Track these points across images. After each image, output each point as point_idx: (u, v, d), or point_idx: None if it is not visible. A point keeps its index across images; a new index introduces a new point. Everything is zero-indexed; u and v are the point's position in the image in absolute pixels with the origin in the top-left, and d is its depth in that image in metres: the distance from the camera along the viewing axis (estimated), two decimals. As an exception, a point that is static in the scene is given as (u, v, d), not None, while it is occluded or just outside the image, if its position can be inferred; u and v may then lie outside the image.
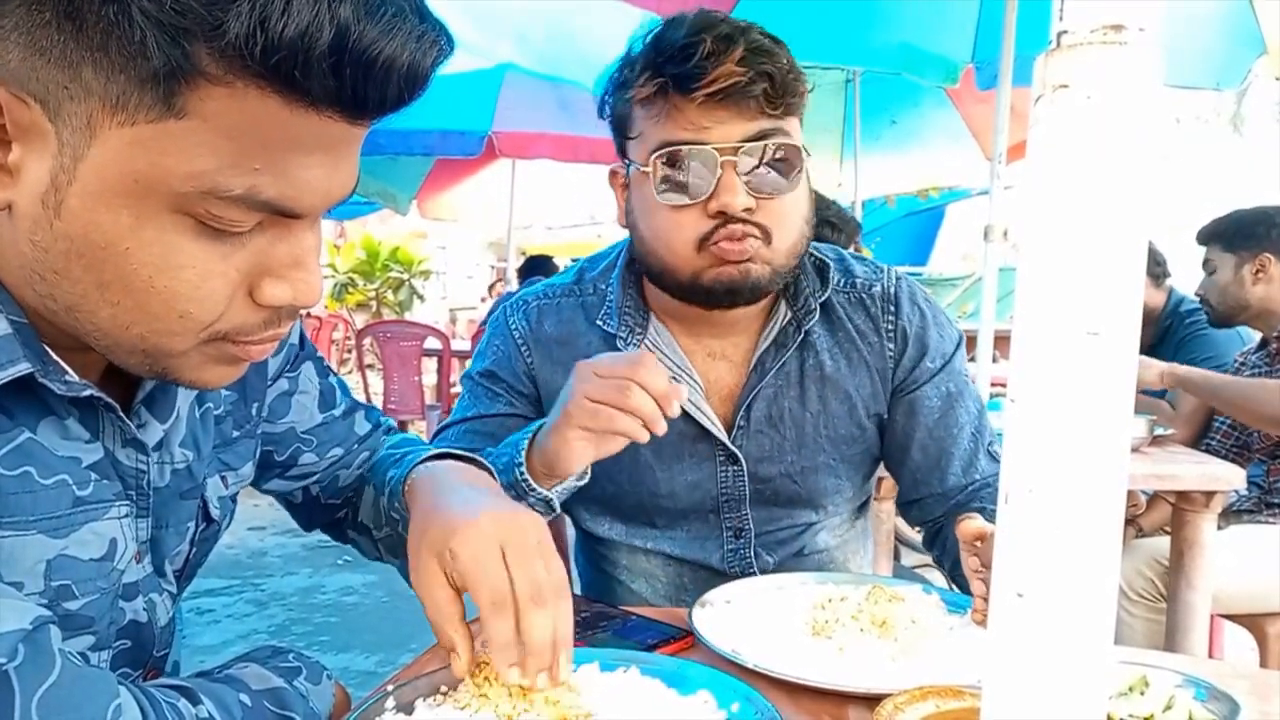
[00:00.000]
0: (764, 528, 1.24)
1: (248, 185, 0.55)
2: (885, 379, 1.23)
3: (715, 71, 1.02)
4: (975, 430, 1.24)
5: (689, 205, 1.08)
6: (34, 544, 0.63)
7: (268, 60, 0.51)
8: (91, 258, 0.57)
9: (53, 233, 0.56)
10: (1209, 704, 0.72)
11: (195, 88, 0.52)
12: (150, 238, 0.56)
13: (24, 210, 0.56)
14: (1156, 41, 0.33)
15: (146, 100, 0.52)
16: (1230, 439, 2.52)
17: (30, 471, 0.62)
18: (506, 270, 8.27)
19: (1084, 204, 0.33)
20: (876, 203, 6.85)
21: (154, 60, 0.51)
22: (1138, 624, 2.27)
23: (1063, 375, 0.34)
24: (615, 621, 1.01)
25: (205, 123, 0.53)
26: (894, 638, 0.91)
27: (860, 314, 1.23)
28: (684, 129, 1.06)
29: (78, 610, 0.66)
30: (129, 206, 0.55)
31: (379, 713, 0.73)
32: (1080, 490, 0.34)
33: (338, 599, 3.60)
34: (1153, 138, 0.33)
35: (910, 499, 1.28)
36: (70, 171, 0.55)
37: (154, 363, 0.62)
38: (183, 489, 0.78)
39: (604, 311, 1.22)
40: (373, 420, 1.02)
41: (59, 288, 0.58)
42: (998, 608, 0.36)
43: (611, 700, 0.75)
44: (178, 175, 0.54)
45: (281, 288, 0.61)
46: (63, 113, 0.54)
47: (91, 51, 0.52)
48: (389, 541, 0.97)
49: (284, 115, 0.54)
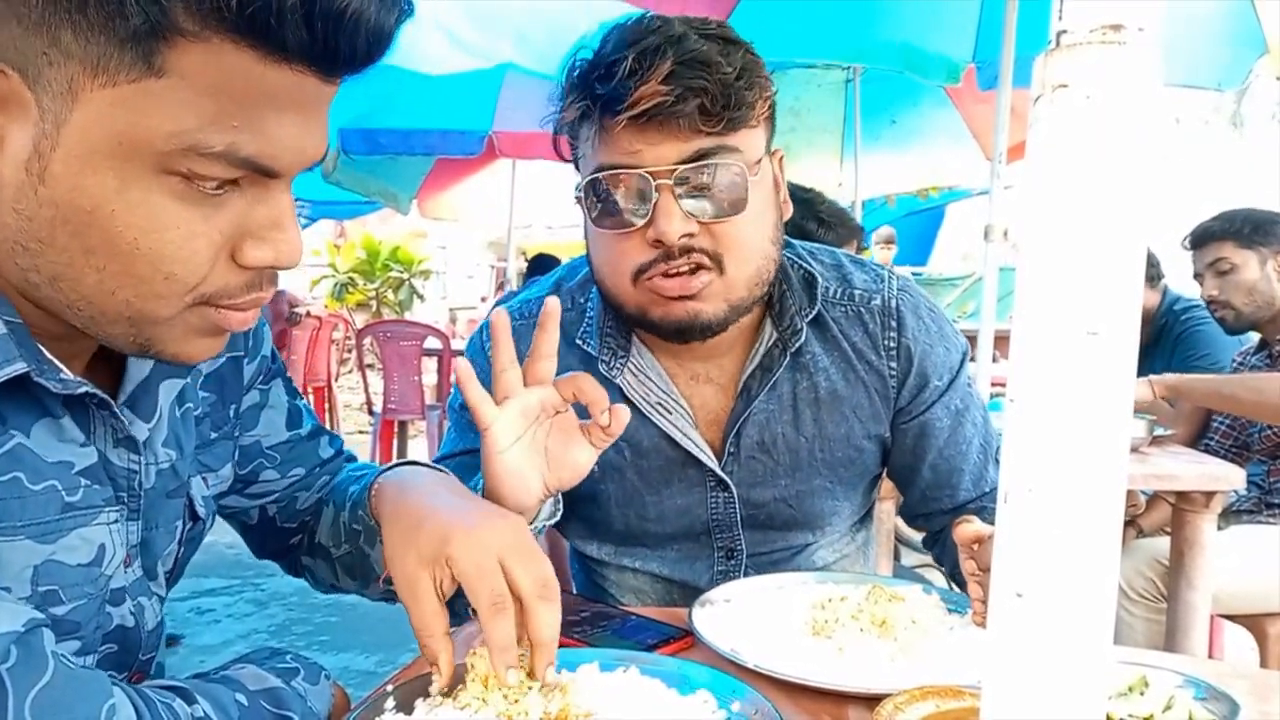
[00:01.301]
0: (757, 549, 1.20)
1: (227, 142, 0.56)
2: (886, 399, 1.16)
3: (639, 92, 0.93)
4: (984, 442, 1.20)
5: (627, 233, 1.00)
6: (21, 549, 0.63)
7: (243, 12, 0.52)
8: (77, 223, 0.57)
9: (37, 199, 0.57)
10: (1209, 704, 0.72)
11: (173, 45, 0.53)
12: (135, 199, 0.57)
13: (7, 179, 0.57)
14: (1156, 41, 0.33)
15: (126, 60, 0.53)
16: (1229, 439, 2.51)
17: (20, 477, 0.62)
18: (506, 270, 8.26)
19: (1083, 204, 0.33)
20: (876, 203, 6.84)
21: (133, 19, 0.52)
22: (1138, 624, 2.27)
23: (1062, 375, 0.34)
24: (615, 621, 1.01)
25: (184, 80, 0.54)
26: (894, 638, 0.91)
27: (858, 330, 1.15)
28: (616, 153, 0.98)
29: (64, 615, 0.66)
30: (113, 168, 0.56)
31: (379, 713, 0.73)
32: (1080, 490, 0.34)
33: (338, 599, 3.59)
34: (1152, 137, 0.33)
35: (918, 512, 1.25)
36: (53, 137, 0.55)
37: (139, 332, 0.63)
38: (169, 488, 0.78)
39: (584, 330, 1.15)
40: (335, 446, 1.02)
41: (43, 257, 0.59)
42: (997, 608, 0.36)
43: (611, 700, 0.75)
44: (160, 134, 0.55)
45: (263, 249, 0.62)
46: (42, 79, 0.54)
47: (70, 15, 0.53)
48: (348, 560, 0.95)
49: (259, 70, 0.56)
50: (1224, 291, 2.48)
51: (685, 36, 0.96)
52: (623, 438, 1.09)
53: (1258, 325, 2.51)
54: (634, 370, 1.13)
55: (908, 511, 1.28)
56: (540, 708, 0.72)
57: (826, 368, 1.15)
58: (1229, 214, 2.52)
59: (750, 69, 0.99)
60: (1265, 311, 2.45)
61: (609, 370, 1.12)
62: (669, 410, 1.14)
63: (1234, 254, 2.46)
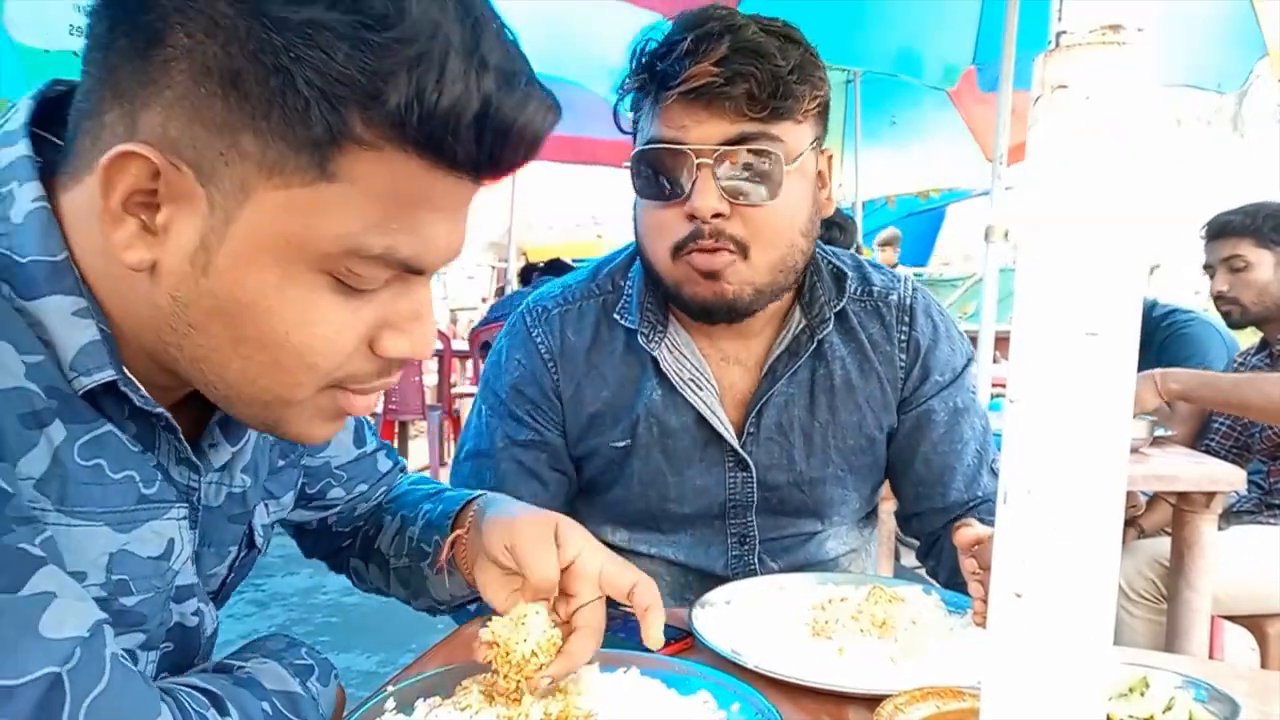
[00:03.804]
0: (768, 534, 1.24)
1: (386, 245, 0.59)
2: (895, 388, 1.21)
3: (692, 70, 0.99)
4: (980, 447, 1.23)
5: (667, 206, 1.06)
6: (100, 536, 0.63)
7: (422, 128, 0.55)
8: (233, 314, 0.59)
9: (197, 289, 0.58)
10: (1209, 705, 0.72)
11: (347, 153, 0.55)
12: (292, 295, 0.59)
13: (169, 268, 0.58)
14: (1155, 42, 0.33)
15: (302, 164, 0.55)
16: (1230, 439, 2.51)
17: (102, 464, 0.63)
18: (507, 271, 8.26)
19: (1083, 204, 0.33)
20: (877, 203, 6.85)
21: (314, 127, 0.54)
22: (1138, 625, 2.26)
23: (1062, 375, 0.34)
24: (615, 622, 1.01)
25: (354, 185, 0.56)
26: (894, 638, 0.91)
27: (875, 322, 1.21)
28: (665, 127, 1.03)
29: (132, 607, 0.67)
30: (276, 265, 0.58)
31: (379, 713, 0.73)
32: (1079, 490, 0.34)
33: (338, 599, 3.60)
34: (1151, 138, 0.33)
35: (911, 513, 1.27)
36: (220, 232, 0.57)
37: (270, 414, 0.65)
38: (233, 512, 0.79)
39: (622, 305, 1.20)
40: (392, 459, 1.05)
41: (190, 340, 0.61)
42: (997, 608, 0.36)
43: (611, 700, 0.75)
44: (326, 236, 0.57)
45: (400, 340, 0.64)
46: (216, 177, 0.56)
47: (253, 120, 0.54)
48: (405, 573, 0.98)
49: (423, 177, 0.58)
50: (1234, 288, 2.44)
51: (745, 26, 1.01)
52: (652, 414, 1.17)
53: (1260, 323, 2.49)
54: (670, 346, 1.17)
55: (902, 512, 1.30)
56: (541, 708, 0.72)
57: (844, 357, 1.20)
58: (1252, 208, 2.45)
59: (805, 66, 1.03)
60: (1272, 312, 2.43)
61: (647, 343, 1.16)
62: (700, 387, 1.18)
63: (1250, 252, 2.41)
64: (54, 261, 0.60)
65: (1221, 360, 2.80)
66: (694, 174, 1.02)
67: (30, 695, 0.50)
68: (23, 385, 0.58)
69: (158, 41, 0.54)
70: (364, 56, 0.53)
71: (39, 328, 0.59)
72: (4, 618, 0.51)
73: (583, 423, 1.20)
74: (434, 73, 0.54)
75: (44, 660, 0.51)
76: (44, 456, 0.59)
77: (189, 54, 0.54)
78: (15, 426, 0.57)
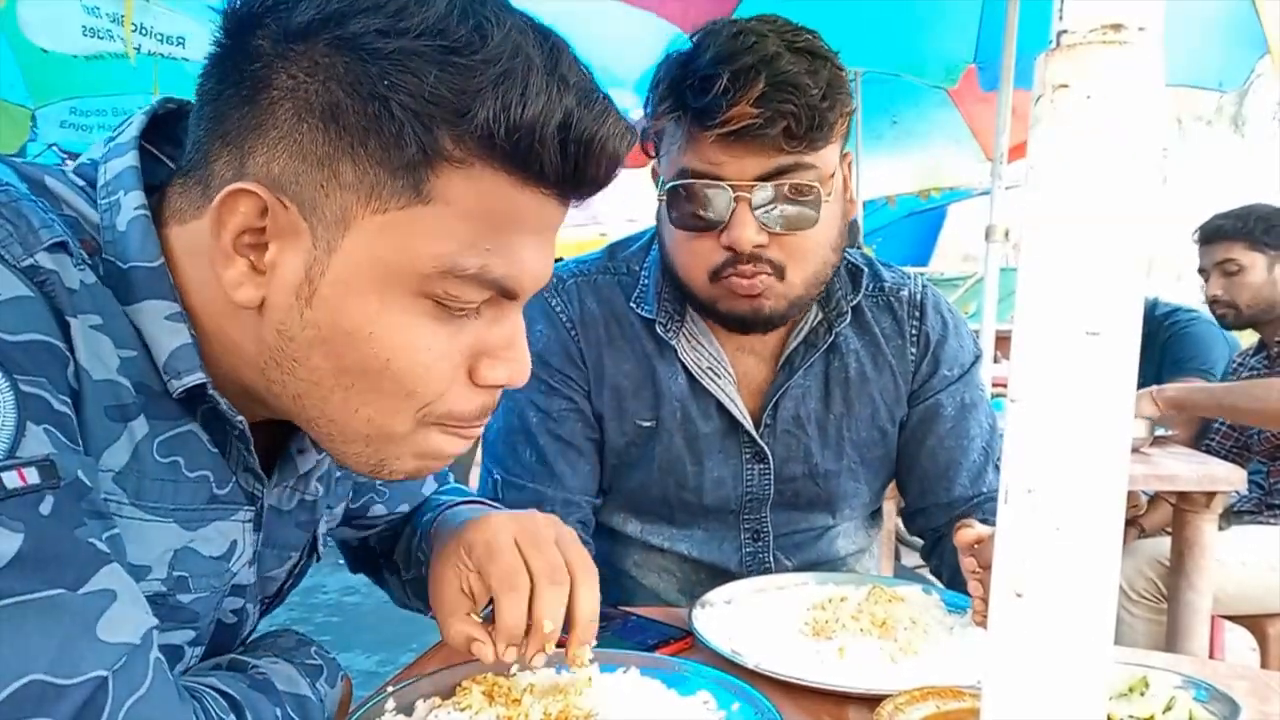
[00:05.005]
0: (781, 530, 1.24)
1: (480, 265, 0.60)
2: (906, 381, 1.23)
3: (731, 111, 0.98)
4: (986, 444, 1.24)
5: (703, 236, 1.06)
6: (168, 531, 0.64)
7: (509, 141, 0.57)
8: (335, 343, 0.60)
9: (301, 321, 0.60)
10: (1209, 705, 0.72)
11: (439, 173, 0.57)
12: (393, 321, 0.60)
13: (275, 303, 0.60)
14: (1156, 41, 0.33)
15: (398, 188, 0.57)
16: (1230, 439, 2.51)
17: (179, 462, 0.64)
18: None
19: (1084, 203, 0.33)
20: (877, 203, 6.84)
21: (408, 148, 0.56)
22: (1139, 624, 2.27)
23: (1063, 375, 0.34)
24: (615, 622, 1.01)
25: (448, 205, 0.58)
26: (894, 638, 0.91)
27: (887, 317, 1.23)
28: (700, 161, 1.03)
29: (188, 604, 0.67)
30: (376, 291, 0.59)
31: (379, 713, 0.73)
32: (1080, 490, 0.34)
33: (338, 599, 3.61)
34: (1153, 137, 0.33)
35: (916, 508, 1.27)
36: (324, 263, 0.59)
37: (374, 451, 0.66)
38: (301, 519, 0.80)
39: (638, 294, 1.20)
40: (439, 479, 1.04)
41: (293, 374, 0.62)
42: (997, 607, 0.36)
43: (611, 700, 0.75)
44: (423, 257, 0.59)
45: (498, 368, 0.65)
46: (317, 209, 0.58)
47: (351, 148, 0.56)
48: (415, 585, 0.98)
49: (512, 195, 0.59)
50: (1229, 292, 2.46)
51: (778, 57, 1.00)
52: (675, 399, 1.18)
53: (1257, 325, 2.50)
54: (688, 335, 1.19)
55: (907, 509, 1.30)
56: (541, 708, 0.72)
57: (857, 350, 1.22)
58: (1242, 211, 2.48)
59: (835, 85, 1.03)
60: (1267, 313, 2.44)
61: (665, 333, 1.18)
62: (718, 375, 1.19)
63: (1243, 255, 2.44)
64: (151, 267, 0.61)
65: (1223, 360, 2.80)
66: (731, 206, 1.03)
67: (78, 696, 0.51)
68: (114, 379, 0.59)
69: (263, 87, 0.57)
70: (452, 78, 0.55)
71: (136, 328, 0.61)
72: (65, 616, 0.52)
73: (605, 395, 1.19)
74: (518, 89, 0.56)
75: (96, 663, 0.52)
76: (125, 450, 0.60)
77: (292, 94, 0.57)
78: (101, 419, 0.58)
